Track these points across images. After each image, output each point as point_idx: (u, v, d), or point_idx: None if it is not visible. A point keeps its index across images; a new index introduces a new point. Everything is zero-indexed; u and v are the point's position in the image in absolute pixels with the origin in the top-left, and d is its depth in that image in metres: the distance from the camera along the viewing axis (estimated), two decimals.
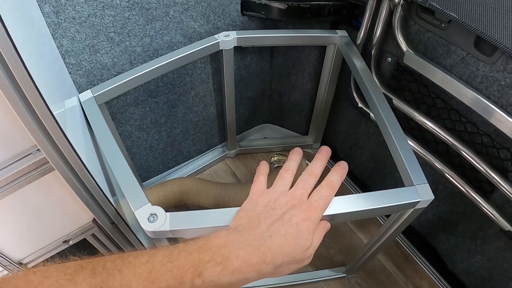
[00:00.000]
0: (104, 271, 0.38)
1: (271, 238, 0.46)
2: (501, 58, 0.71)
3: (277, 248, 0.46)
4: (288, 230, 0.48)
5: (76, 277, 0.36)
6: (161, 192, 1.13)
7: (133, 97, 1.00)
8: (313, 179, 0.57)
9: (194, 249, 0.43)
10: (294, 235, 0.48)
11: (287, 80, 1.27)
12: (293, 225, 0.48)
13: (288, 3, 0.96)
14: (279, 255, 0.46)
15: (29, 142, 0.56)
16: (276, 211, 0.50)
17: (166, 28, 0.92)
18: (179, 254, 0.42)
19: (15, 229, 0.68)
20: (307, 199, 0.53)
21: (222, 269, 0.42)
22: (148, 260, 0.40)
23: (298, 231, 0.48)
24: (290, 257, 0.47)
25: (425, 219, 1.12)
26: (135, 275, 0.38)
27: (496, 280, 0.97)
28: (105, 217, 0.73)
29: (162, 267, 0.40)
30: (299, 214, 0.50)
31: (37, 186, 0.61)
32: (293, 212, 0.50)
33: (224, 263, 0.42)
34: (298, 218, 0.49)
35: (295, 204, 0.52)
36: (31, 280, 0.35)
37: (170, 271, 0.40)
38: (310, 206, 0.52)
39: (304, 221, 0.50)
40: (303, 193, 0.54)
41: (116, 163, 0.71)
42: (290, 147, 1.43)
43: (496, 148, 0.81)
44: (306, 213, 0.51)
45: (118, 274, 0.38)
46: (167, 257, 0.41)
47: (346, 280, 1.13)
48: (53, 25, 0.74)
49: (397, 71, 0.94)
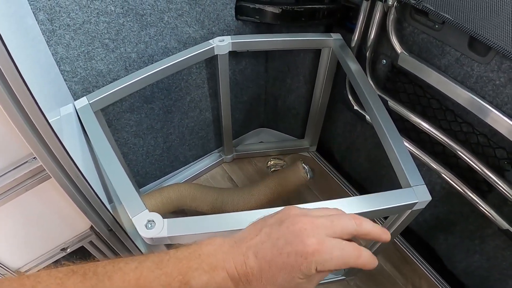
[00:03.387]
0: (94, 277, 0.38)
1: (256, 259, 0.40)
2: (495, 58, 0.71)
3: (258, 272, 0.40)
4: (274, 259, 0.40)
5: (66, 282, 0.37)
6: (158, 198, 1.13)
7: (129, 103, 0.99)
8: (353, 225, 0.42)
9: (184, 256, 0.41)
10: (279, 266, 0.40)
11: (283, 83, 1.27)
12: (283, 254, 0.39)
13: (282, 7, 0.96)
14: (260, 279, 0.40)
15: (25, 150, 0.55)
16: (280, 228, 0.42)
17: (161, 34, 0.92)
18: (168, 261, 0.41)
19: (12, 237, 0.68)
20: (324, 234, 0.40)
21: (209, 279, 0.40)
22: (137, 267, 0.40)
23: (285, 265, 0.40)
24: (281, 280, 0.40)
25: (423, 219, 1.13)
26: (124, 282, 0.38)
27: (495, 279, 0.97)
28: (103, 224, 0.72)
29: (151, 274, 0.39)
30: (298, 244, 0.40)
31: (34, 194, 0.61)
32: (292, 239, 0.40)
33: (211, 273, 0.40)
34: (292, 248, 0.39)
35: (305, 228, 0.40)
36: (25, 284, 0.36)
37: (158, 278, 0.39)
38: (319, 243, 0.39)
39: (298, 257, 0.39)
40: (328, 226, 0.41)
41: (113, 170, 0.70)
42: (286, 150, 1.43)
43: (492, 148, 0.82)
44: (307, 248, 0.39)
45: (108, 281, 0.38)
46: (156, 263, 0.40)
47: (346, 282, 1.13)
48: (47, 32, 0.74)
49: (392, 73, 0.94)
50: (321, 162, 1.41)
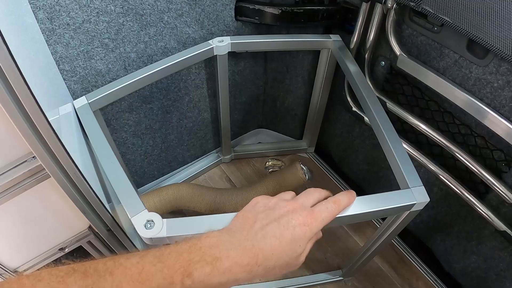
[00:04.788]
0: (95, 273, 0.38)
1: (265, 240, 0.45)
2: (493, 61, 0.72)
3: (269, 250, 0.45)
4: (283, 233, 0.46)
5: (67, 279, 0.37)
6: (157, 198, 1.13)
7: (128, 103, 0.99)
8: (318, 193, 0.55)
9: (184, 249, 0.42)
10: (289, 239, 0.46)
11: (281, 84, 1.27)
12: (290, 228, 0.47)
13: (282, 8, 0.97)
14: (271, 257, 0.45)
15: (25, 149, 0.55)
16: (275, 212, 0.49)
17: (161, 34, 0.92)
18: (169, 255, 0.41)
19: (10, 237, 0.67)
20: (309, 207, 0.52)
21: (212, 269, 0.41)
22: (138, 261, 0.40)
23: (293, 235, 0.47)
24: (282, 261, 0.46)
25: (420, 220, 1.13)
26: (126, 276, 0.38)
27: (492, 280, 0.97)
28: (101, 224, 0.72)
29: (152, 267, 0.40)
30: (297, 218, 0.48)
31: (32, 193, 0.61)
32: (291, 216, 0.48)
33: (214, 263, 0.42)
34: (296, 222, 0.48)
35: (295, 207, 0.50)
36: (24, 284, 0.36)
37: (160, 272, 0.40)
38: (311, 213, 0.50)
39: (302, 226, 0.48)
40: (305, 201, 0.52)
41: (112, 169, 0.70)
42: (284, 151, 1.44)
43: (490, 149, 0.82)
44: (305, 219, 0.49)
45: (109, 276, 0.38)
46: (157, 258, 0.41)
47: (343, 283, 1.13)
48: (47, 31, 0.74)
49: (390, 74, 0.95)
50: (319, 163, 1.41)
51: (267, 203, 0.51)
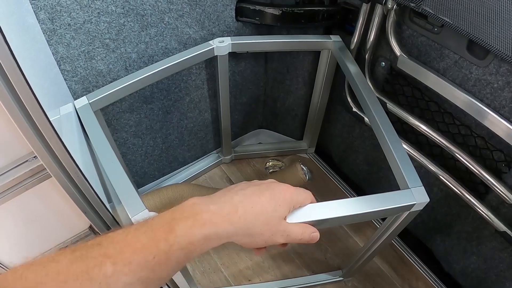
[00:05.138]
0: (84, 247, 0.39)
1: (244, 196, 0.47)
2: (493, 61, 0.72)
3: (249, 203, 0.46)
4: (263, 192, 0.48)
5: (57, 257, 0.38)
6: (157, 199, 1.13)
7: (129, 103, 1.00)
8: None
9: (167, 212, 0.44)
10: (268, 196, 0.48)
11: (282, 85, 1.28)
12: (269, 189, 0.49)
13: (282, 9, 0.97)
14: (251, 211, 0.46)
15: (26, 149, 0.55)
16: (255, 183, 0.51)
17: (161, 35, 0.92)
18: (153, 219, 0.43)
19: (11, 236, 0.68)
20: None
21: (193, 222, 0.42)
22: (124, 231, 0.42)
23: (273, 195, 0.48)
24: (263, 218, 0.47)
25: (420, 221, 1.13)
26: (113, 243, 0.40)
27: (492, 281, 0.97)
28: (102, 223, 0.72)
29: (137, 231, 0.41)
30: (278, 186, 0.50)
31: (33, 193, 0.61)
32: (272, 185, 0.50)
33: (195, 217, 0.43)
34: (275, 186, 0.50)
35: (276, 183, 0.52)
36: (17, 270, 0.37)
37: (145, 233, 0.41)
38: (292, 187, 0.52)
39: (282, 190, 0.50)
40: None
41: (112, 169, 0.71)
42: (285, 152, 1.44)
43: (490, 150, 0.82)
44: (286, 187, 0.51)
45: (97, 246, 0.39)
46: (141, 223, 0.43)
47: (343, 283, 1.13)
48: (48, 31, 0.74)
49: (390, 75, 0.95)
50: (319, 164, 1.42)
51: (243, 184, 0.52)
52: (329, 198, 0.62)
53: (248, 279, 1.13)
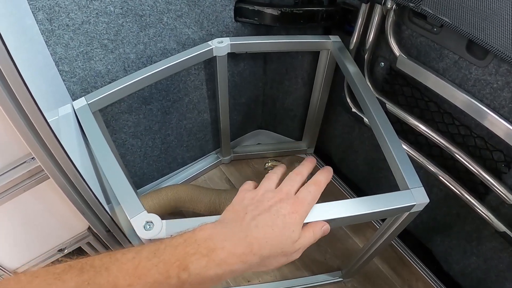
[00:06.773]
0: (91, 269, 0.38)
1: (257, 229, 0.47)
2: (493, 61, 0.72)
3: (263, 238, 0.46)
4: (274, 221, 0.48)
5: (64, 276, 0.37)
6: (156, 200, 1.12)
7: (127, 104, 0.99)
8: (300, 178, 0.57)
9: (179, 243, 0.43)
10: (280, 226, 0.48)
11: (281, 85, 1.27)
12: (280, 216, 0.49)
13: (281, 9, 0.96)
14: (265, 245, 0.46)
15: (24, 150, 0.55)
16: (263, 203, 0.51)
17: (160, 35, 0.92)
18: (164, 249, 0.42)
19: (9, 238, 0.67)
20: (294, 195, 0.54)
21: (207, 261, 0.42)
22: (134, 257, 0.40)
23: (284, 223, 0.49)
24: (278, 248, 0.47)
25: (420, 221, 1.13)
26: (122, 271, 0.39)
27: (492, 281, 0.97)
28: (101, 225, 0.72)
29: (148, 262, 0.40)
30: (286, 207, 0.51)
31: (32, 194, 0.61)
32: (280, 205, 0.50)
33: (210, 255, 0.42)
34: (285, 210, 0.50)
35: (282, 198, 0.52)
36: (21, 280, 0.36)
37: (156, 266, 0.40)
38: (297, 200, 0.53)
39: (291, 214, 0.50)
40: (290, 189, 0.55)
41: (111, 170, 0.70)
42: (284, 152, 1.43)
43: (490, 150, 0.82)
44: (293, 207, 0.51)
45: (105, 272, 0.38)
46: (153, 252, 0.41)
47: (343, 284, 1.13)
48: (46, 32, 0.74)
49: (390, 75, 0.95)
50: (318, 164, 1.41)
51: (254, 196, 0.53)
52: (329, 199, 0.62)
53: (248, 280, 1.13)
